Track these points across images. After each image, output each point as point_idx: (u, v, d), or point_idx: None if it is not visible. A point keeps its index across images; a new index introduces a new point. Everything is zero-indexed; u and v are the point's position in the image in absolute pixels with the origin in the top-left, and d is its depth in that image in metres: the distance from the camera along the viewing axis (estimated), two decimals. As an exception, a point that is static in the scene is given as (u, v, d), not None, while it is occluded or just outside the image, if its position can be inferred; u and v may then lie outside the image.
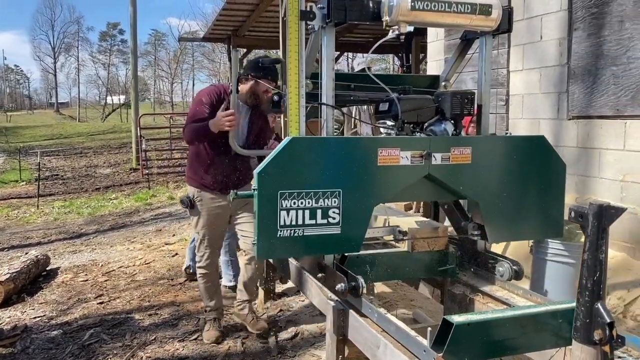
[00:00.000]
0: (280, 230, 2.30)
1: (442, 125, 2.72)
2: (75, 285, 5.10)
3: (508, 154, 2.63)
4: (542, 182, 2.68)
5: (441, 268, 2.89)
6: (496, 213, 2.63)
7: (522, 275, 2.61)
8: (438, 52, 6.38)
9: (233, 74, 3.14)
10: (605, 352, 1.53)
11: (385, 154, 2.41)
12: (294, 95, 2.51)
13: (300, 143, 2.36)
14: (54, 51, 60.83)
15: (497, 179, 2.62)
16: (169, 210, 9.09)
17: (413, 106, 2.70)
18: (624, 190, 4.11)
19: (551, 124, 4.77)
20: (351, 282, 2.41)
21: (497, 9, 2.57)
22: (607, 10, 4.19)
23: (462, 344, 1.86)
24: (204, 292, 3.79)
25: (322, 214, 2.35)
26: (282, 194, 2.29)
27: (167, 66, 58.66)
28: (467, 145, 2.53)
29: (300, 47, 2.49)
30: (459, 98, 2.71)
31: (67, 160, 18.55)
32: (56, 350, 3.68)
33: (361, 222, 2.44)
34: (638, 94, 3.96)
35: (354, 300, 2.47)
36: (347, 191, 2.37)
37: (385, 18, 2.43)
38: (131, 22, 16.27)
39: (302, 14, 2.46)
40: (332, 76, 2.54)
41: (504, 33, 2.79)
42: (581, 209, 1.52)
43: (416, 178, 2.49)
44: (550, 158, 2.71)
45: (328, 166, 2.35)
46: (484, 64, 2.84)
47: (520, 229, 2.73)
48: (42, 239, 7.38)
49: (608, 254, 1.53)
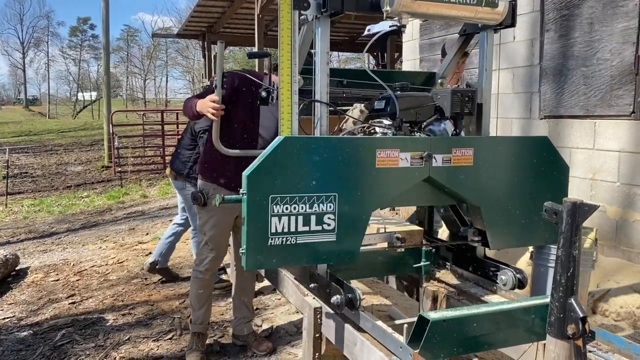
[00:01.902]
0: (271, 238, 2.12)
1: (442, 125, 2.57)
2: (45, 285, 5.00)
3: (511, 155, 2.49)
4: (545, 185, 2.54)
5: (416, 265, 2.90)
6: (498, 218, 2.49)
7: (526, 283, 2.48)
8: (413, 52, 6.43)
9: (218, 67, 2.89)
10: (578, 346, 1.57)
11: (384, 155, 2.25)
12: (287, 91, 2.31)
13: (293, 143, 2.16)
14: (23, 46, 59.50)
15: (500, 182, 2.47)
16: (142, 209, 8.97)
17: (411, 104, 2.53)
18: (593, 188, 4.21)
19: (523, 123, 4.86)
20: (348, 293, 2.25)
21: (503, 1, 2.42)
22: (578, 12, 4.28)
23: (438, 340, 1.87)
24: (194, 299, 3.39)
25: (317, 220, 2.17)
26: (274, 198, 2.10)
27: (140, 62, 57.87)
28: (469, 146, 2.39)
29: (294, 38, 2.29)
30: (459, 96, 2.57)
31: (36, 157, 18.14)
32: (27, 352, 3.59)
33: (358, 228, 2.27)
34: (607, 94, 4.06)
35: (351, 314, 2.31)
36: (343, 195, 2.20)
37: (386, 8, 2.24)
38: (103, 17, 15.98)
39: (295, 2, 2.27)
40: (326, 71, 2.37)
41: (507, 28, 2.60)
42: (555, 206, 1.56)
43: (416, 181, 2.33)
44: (554, 160, 2.57)
45: (323, 168, 2.18)
46: (485, 60, 2.67)
47: (524, 234, 2.57)
48: (11, 237, 7.20)
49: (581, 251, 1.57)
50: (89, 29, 60.55)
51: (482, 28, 2.65)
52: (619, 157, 4.00)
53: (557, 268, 1.58)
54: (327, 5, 2.24)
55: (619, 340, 2.03)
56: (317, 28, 2.33)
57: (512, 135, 2.66)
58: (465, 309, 2.04)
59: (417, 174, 2.30)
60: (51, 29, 60.65)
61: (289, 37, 2.28)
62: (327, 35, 2.33)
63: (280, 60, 2.29)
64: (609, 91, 4.04)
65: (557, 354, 1.59)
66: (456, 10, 2.36)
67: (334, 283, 2.34)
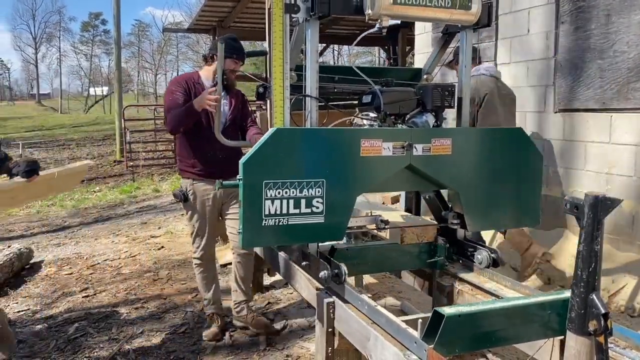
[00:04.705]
0: (265, 220, 2.34)
1: (424, 117, 2.79)
2: (59, 278, 5.04)
3: (487, 145, 2.71)
4: (519, 173, 2.77)
5: (430, 260, 2.90)
6: (475, 202, 2.71)
7: (501, 263, 2.66)
8: (426, 45, 6.38)
9: (218, 65, 3.14)
10: (600, 342, 1.54)
11: (368, 144, 2.47)
12: (279, 87, 2.56)
13: (285, 134, 2.39)
14: (35, 41, 59.89)
15: (476, 170, 2.69)
16: (154, 203, 9.01)
17: (395, 98, 2.77)
18: (609, 182, 4.15)
19: (538, 116, 4.80)
20: (334, 269, 2.46)
21: (476, 3, 2.64)
22: (594, 3, 4.21)
23: (453, 336, 1.86)
24: (200, 283, 3.74)
25: (306, 204, 2.39)
26: (267, 183, 2.33)
27: (151, 57, 58.07)
28: (447, 137, 2.60)
29: (285, 39, 2.53)
30: (439, 91, 2.78)
31: (49, 152, 18.30)
32: (41, 345, 3.63)
33: (344, 211, 2.49)
34: (624, 87, 4.00)
35: (337, 287, 2.53)
36: (330, 181, 2.42)
37: (368, 11, 2.48)
38: (114, 12, 16.04)
39: (286, 6, 2.51)
40: (316, 68, 2.59)
41: (484, 27, 2.87)
42: (577, 201, 1.53)
43: (398, 168, 2.55)
44: (527, 149, 2.78)
45: (312, 156, 2.40)
46: (465, 57, 2.90)
47: (499, 217, 2.81)
48: (25, 231, 7.27)
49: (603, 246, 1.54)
50: (101, 24, 60.86)
51: (461, 28, 2.87)
52: (636, 150, 3.94)
53: (578, 263, 1.55)
54: (315, 9, 2.48)
55: (636, 336, 2.01)
56: (307, 29, 2.57)
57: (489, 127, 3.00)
58: (480, 304, 2.02)
59: (399, 162, 2.53)
60: (63, 24, 60.98)
61: (281, 37, 2.53)
62: (316, 35, 2.57)
63: (273, 59, 2.54)
64: (626, 84, 3.98)
65: (578, 351, 1.57)
66: (432, 13, 2.59)
67: (322, 260, 2.56)
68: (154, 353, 3.47)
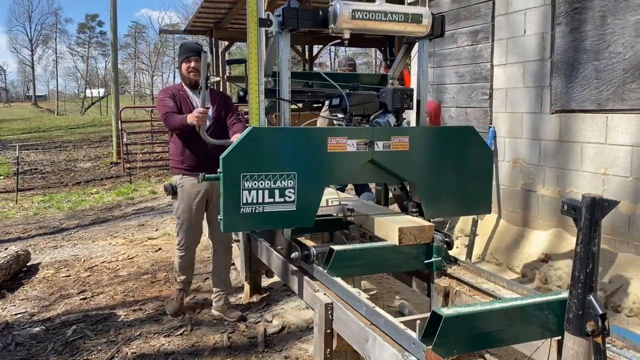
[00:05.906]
0: (242, 207, 2.63)
1: (386, 118, 3.15)
2: (57, 280, 5.03)
3: (441, 142, 3.05)
4: (471, 166, 3.09)
5: (427, 261, 2.91)
6: (431, 193, 3.06)
7: (453, 246, 2.95)
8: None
9: (202, 74, 3.36)
10: (598, 343, 1.55)
11: (334, 142, 2.79)
12: (255, 91, 2.93)
13: (260, 132, 2.70)
14: (32, 43, 59.77)
15: (432, 164, 3.02)
16: (151, 205, 9.00)
17: (360, 101, 3.13)
18: (605, 183, 4.17)
19: (534, 117, 4.82)
20: (304, 251, 2.81)
21: (427, 17, 3.03)
22: (590, 5, 4.23)
23: (452, 336, 1.87)
24: (177, 267, 4.11)
25: (280, 194, 2.69)
26: (244, 176, 2.62)
27: (148, 59, 57.98)
28: (405, 135, 2.94)
29: (260, 50, 2.89)
30: (399, 94, 3.13)
31: (46, 154, 18.24)
32: (39, 347, 3.62)
33: (314, 200, 2.81)
34: (619, 88, 4.01)
35: (307, 267, 2.87)
36: (301, 174, 2.73)
37: (332, 25, 2.88)
38: (111, 14, 16.02)
39: (260, 21, 2.85)
40: (288, 75, 2.97)
41: (438, 37, 3.24)
42: (574, 202, 1.53)
43: (361, 162, 2.89)
44: (478, 145, 3.11)
45: (285, 152, 2.71)
46: (422, 63, 3.31)
47: (453, 206, 3.16)
48: (22, 234, 7.25)
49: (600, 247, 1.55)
50: (97, 25, 60.84)
51: (418, 38, 3.26)
52: (632, 151, 3.95)
53: (576, 264, 1.56)
54: (286, 23, 2.87)
55: (633, 336, 2.02)
56: (280, 41, 2.95)
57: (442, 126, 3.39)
58: (478, 305, 2.03)
59: (362, 157, 2.88)
60: (59, 26, 61.09)
61: (256, 48, 2.90)
62: (288, 45, 2.97)
63: (250, 67, 2.91)
64: (622, 85, 3.99)
65: (576, 351, 1.58)
66: (388, 26, 2.97)
67: (294, 243, 2.94)
68: (152, 355, 3.46)
